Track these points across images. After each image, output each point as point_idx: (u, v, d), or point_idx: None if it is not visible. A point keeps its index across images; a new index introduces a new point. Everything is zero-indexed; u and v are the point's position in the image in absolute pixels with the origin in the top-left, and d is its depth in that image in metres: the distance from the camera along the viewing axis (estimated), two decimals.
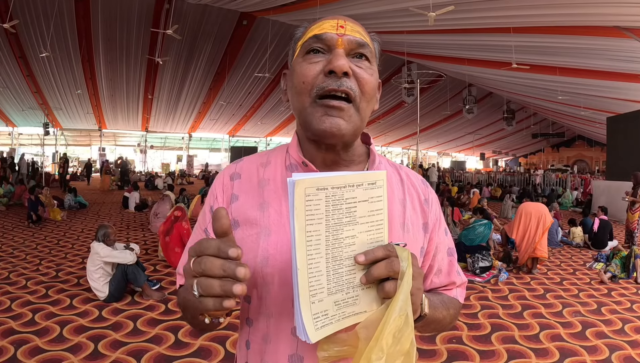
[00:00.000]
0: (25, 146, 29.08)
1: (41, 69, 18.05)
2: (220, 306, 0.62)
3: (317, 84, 0.81)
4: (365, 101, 0.85)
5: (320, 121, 0.81)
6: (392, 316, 0.66)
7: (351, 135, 0.84)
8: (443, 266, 1.01)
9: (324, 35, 0.83)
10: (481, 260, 6.25)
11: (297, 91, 0.84)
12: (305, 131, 0.88)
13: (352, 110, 0.82)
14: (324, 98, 0.81)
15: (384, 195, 0.74)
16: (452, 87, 23.14)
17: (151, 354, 3.53)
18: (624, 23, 9.17)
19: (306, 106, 0.83)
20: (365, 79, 0.83)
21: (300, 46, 0.87)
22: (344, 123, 0.81)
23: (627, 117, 13.98)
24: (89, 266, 4.82)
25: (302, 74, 0.83)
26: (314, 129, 0.82)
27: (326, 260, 0.69)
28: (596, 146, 36.23)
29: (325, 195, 0.67)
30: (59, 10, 13.92)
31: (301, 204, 0.65)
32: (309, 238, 0.67)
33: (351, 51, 0.84)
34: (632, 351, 3.80)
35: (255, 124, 30.06)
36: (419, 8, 8.94)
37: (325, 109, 0.81)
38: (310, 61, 0.83)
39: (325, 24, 0.84)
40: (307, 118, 0.83)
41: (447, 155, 48.23)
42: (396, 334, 0.67)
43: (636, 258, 6.20)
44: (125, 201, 12.82)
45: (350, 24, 0.85)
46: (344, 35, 0.83)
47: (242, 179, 0.93)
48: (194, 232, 0.98)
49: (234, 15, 15.61)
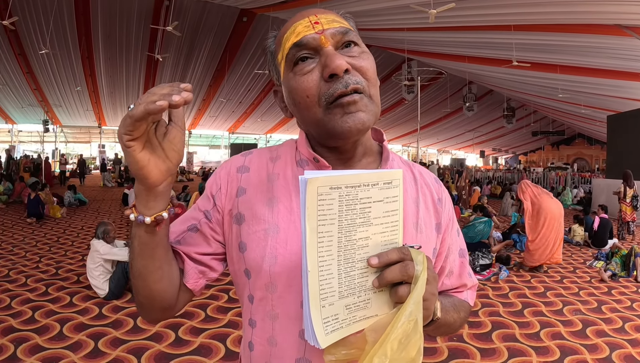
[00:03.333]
0: (25, 143, 29.08)
1: (41, 66, 18.03)
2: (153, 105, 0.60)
3: (322, 92, 0.77)
4: (373, 87, 0.80)
5: (342, 122, 0.76)
6: (401, 320, 0.64)
7: (373, 124, 0.81)
8: (455, 267, 0.99)
9: (304, 39, 0.78)
10: (481, 257, 6.25)
11: (304, 107, 0.80)
12: (326, 140, 0.83)
13: (365, 100, 0.78)
14: (336, 100, 0.77)
15: (399, 195, 0.70)
16: (453, 84, 23.12)
17: (151, 352, 3.53)
18: (625, 21, 9.16)
19: (321, 117, 0.78)
20: (364, 67, 0.79)
21: (284, 61, 0.82)
22: (365, 115, 0.77)
23: (628, 115, 13.96)
24: (89, 264, 4.81)
25: (302, 89, 0.78)
26: (338, 132, 0.78)
27: (338, 262, 0.66)
28: (596, 144, 36.22)
29: (339, 195, 0.64)
30: (59, 7, 13.88)
31: (313, 204, 0.62)
32: (321, 239, 0.64)
33: (338, 43, 0.79)
34: (633, 350, 3.80)
35: (255, 121, 30.07)
36: (420, 5, 8.92)
37: (342, 109, 0.76)
38: (302, 73, 0.78)
39: (299, 27, 0.80)
40: (326, 126, 0.78)
41: (447, 152, 48.22)
42: (403, 340, 0.64)
43: (636, 256, 6.20)
44: (125, 198, 12.80)
45: (323, 15, 0.81)
46: (323, 31, 0.78)
47: (250, 172, 0.89)
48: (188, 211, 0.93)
49: (233, 12, 15.57)
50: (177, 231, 0.88)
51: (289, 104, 0.86)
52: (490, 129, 34.62)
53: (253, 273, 0.83)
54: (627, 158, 13.00)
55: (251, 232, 0.83)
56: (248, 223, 0.83)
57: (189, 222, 0.89)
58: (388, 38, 14.14)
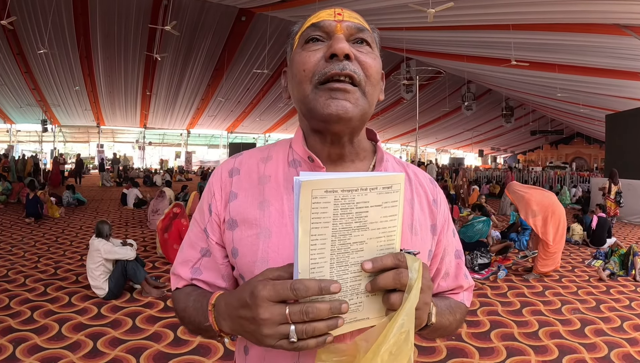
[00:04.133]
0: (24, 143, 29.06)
1: (39, 66, 18.00)
2: (324, 343, 0.64)
3: (318, 70, 0.78)
4: (370, 85, 0.80)
5: (325, 105, 0.76)
6: (393, 332, 0.64)
7: (358, 120, 0.79)
8: (450, 269, 0.98)
9: (322, 22, 0.81)
10: (480, 256, 6.25)
11: (298, 81, 0.80)
12: (309, 121, 0.83)
13: (358, 93, 0.78)
14: (327, 83, 0.77)
15: (399, 201, 0.68)
16: (451, 84, 23.11)
17: (150, 352, 3.53)
18: (624, 21, 9.16)
19: (308, 94, 0.79)
20: (368, 62, 0.80)
21: (299, 37, 0.84)
22: (351, 106, 0.76)
23: (626, 115, 13.98)
24: (89, 264, 4.80)
25: (302, 62, 0.80)
26: (319, 114, 0.77)
27: (330, 265, 0.65)
28: (595, 144, 36.21)
29: (334, 198, 0.62)
30: (57, 7, 13.85)
31: (307, 206, 0.61)
32: (314, 242, 0.63)
33: (351, 37, 0.81)
34: (631, 349, 3.81)
35: (254, 120, 30.04)
36: (418, 5, 8.91)
37: (330, 93, 0.76)
38: (309, 50, 0.80)
39: (322, 13, 0.83)
40: (309, 105, 0.79)
41: (446, 152, 48.25)
42: (394, 351, 0.64)
43: (635, 255, 6.21)
44: (123, 198, 12.80)
45: (347, 11, 0.83)
46: (342, 21, 0.81)
47: (241, 175, 0.88)
48: (190, 229, 0.94)
49: (232, 11, 15.55)
50: (192, 258, 0.92)
51: (289, 80, 0.88)
52: (488, 129, 34.63)
53: (246, 278, 0.83)
54: (626, 157, 13.03)
55: (243, 237, 0.83)
56: (240, 228, 0.83)
57: (198, 247, 0.91)
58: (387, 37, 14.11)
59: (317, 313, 0.62)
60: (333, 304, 0.63)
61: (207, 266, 0.90)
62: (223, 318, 0.74)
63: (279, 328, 0.64)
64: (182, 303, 0.88)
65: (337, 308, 0.63)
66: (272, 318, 0.64)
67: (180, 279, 0.93)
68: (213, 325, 0.76)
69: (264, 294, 0.64)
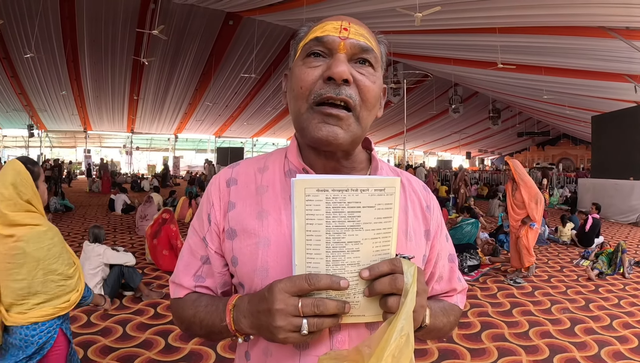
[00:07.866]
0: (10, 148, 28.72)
1: (25, 70, 17.79)
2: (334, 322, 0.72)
3: (315, 90, 0.78)
4: (366, 110, 0.81)
5: (316, 129, 0.78)
6: (394, 336, 0.66)
7: (349, 144, 0.81)
8: (444, 273, 1.00)
9: (326, 38, 0.80)
10: (469, 258, 6.29)
11: (294, 96, 0.81)
12: (302, 138, 0.85)
13: (351, 119, 0.79)
14: (322, 105, 0.78)
15: (394, 203, 0.71)
16: (438, 87, 23.28)
17: (141, 359, 3.49)
18: (609, 23, 9.30)
19: (302, 112, 0.80)
20: (367, 87, 0.80)
21: (301, 48, 0.84)
22: (342, 132, 0.78)
23: (612, 116, 14.17)
24: (87, 270, 4.69)
25: (300, 79, 0.80)
26: (310, 136, 0.79)
27: (326, 262, 0.69)
28: (581, 144, 36.58)
29: (326, 197, 0.67)
30: (44, 10, 13.73)
31: (301, 203, 0.67)
32: (309, 237, 0.68)
33: (354, 56, 0.80)
34: (621, 346, 3.85)
35: (242, 124, 29.96)
36: (406, 8, 8.97)
37: (323, 117, 0.77)
38: (309, 65, 0.80)
39: (328, 26, 0.81)
40: (303, 124, 0.80)
41: (434, 154, 48.46)
42: (396, 354, 0.66)
43: (623, 252, 6.29)
44: (111, 204, 12.69)
45: (355, 26, 0.82)
46: (347, 38, 0.79)
47: (238, 185, 0.89)
48: (190, 237, 0.94)
49: (220, 15, 15.53)
50: (194, 266, 0.93)
51: (288, 89, 0.88)
52: (476, 131, 34.87)
53: (246, 286, 0.84)
54: (612, 157, 13.20)
55: (243, 246, 0.84)
56: (240, 238, 0.84)
57: (198, 255, 0.92)
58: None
59: (326, 308, 0.69)
60: (339, 303, 0.70)
61: (208, 274, 0.91)
62: (244, 316, 0.77)
63: (291, 320, 0.69)
64: (191, 310, 0.89)
65: (342, 307, 0.70)
66: (286, 309, 0.69)
67: (182, 288, 0.93)
68: (230, 325, 0.79)
69: (280, 286, 0.70)
